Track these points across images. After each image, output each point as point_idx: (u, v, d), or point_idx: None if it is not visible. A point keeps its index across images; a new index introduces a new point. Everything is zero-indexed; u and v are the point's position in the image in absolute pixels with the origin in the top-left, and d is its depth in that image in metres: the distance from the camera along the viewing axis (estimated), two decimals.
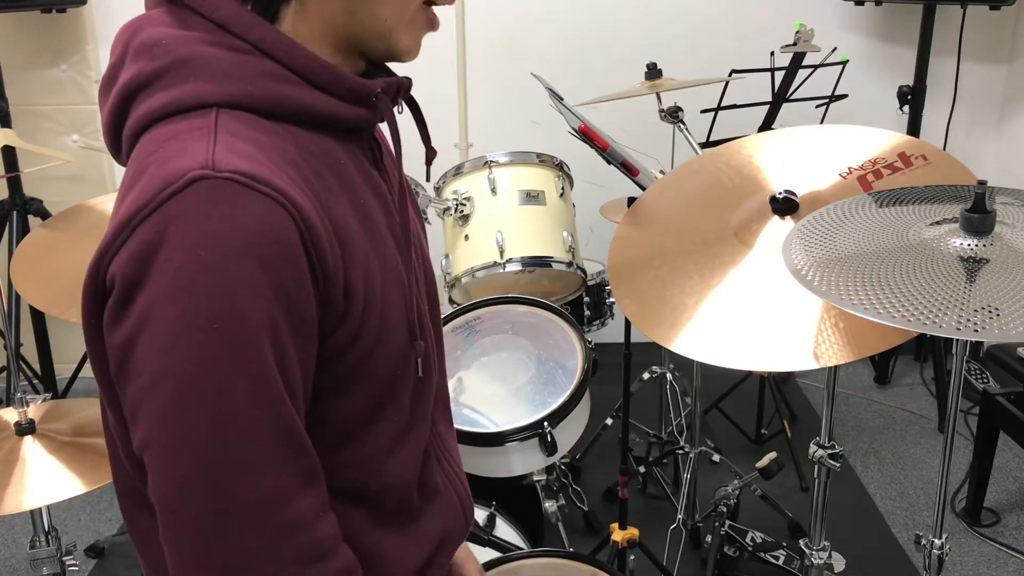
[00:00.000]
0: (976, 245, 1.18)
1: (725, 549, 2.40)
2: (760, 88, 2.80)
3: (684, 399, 2.96)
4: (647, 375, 2.92)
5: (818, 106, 2.81)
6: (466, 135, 3.52)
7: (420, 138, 1.01)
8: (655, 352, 2.78)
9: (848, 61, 2.78)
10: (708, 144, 2.62)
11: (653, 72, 2.59)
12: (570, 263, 2.36)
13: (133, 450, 0.80)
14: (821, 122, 2.95)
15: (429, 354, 0.98)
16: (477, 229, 2.37)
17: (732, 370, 2.60)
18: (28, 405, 1.81)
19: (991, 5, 3.08)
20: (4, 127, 2.96)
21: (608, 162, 1.90)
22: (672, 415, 2.99)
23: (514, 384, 2.00)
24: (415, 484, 1.00)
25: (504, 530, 2.00)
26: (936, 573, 1.51)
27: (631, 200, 1.74)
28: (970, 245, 1.18)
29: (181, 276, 0.74)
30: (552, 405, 1.91)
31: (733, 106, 2.72)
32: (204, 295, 0.74)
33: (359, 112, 0.89)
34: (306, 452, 0.82)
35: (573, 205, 2.51)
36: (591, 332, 2.55)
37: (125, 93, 0.83)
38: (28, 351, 3.39)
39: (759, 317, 1.39)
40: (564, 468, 2.67)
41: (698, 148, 2.36)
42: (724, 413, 3.15)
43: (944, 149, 3.34)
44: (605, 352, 2.29)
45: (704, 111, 2.71)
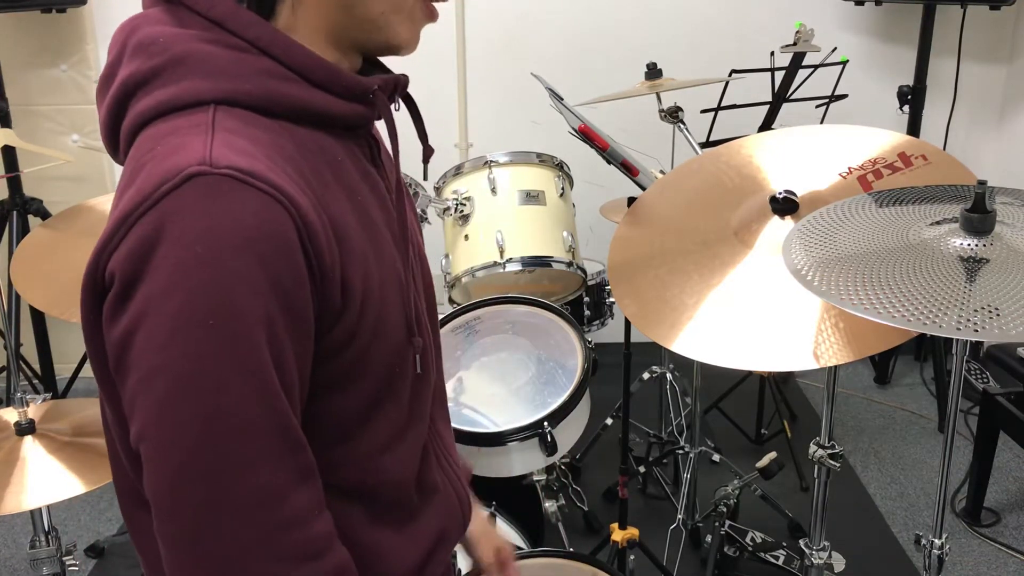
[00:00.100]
0: (976, 245, 1.18)
1: (725, 549, 2.40)
2: (760, 88, 2.80)
3: (684, 399, 2.96)
4: (647, 375, 2.92)
5: (818, 106, 2.81)
6: (466, 135, 3.52)
7: (417, 136, 1.01)
8: (655, 352, 2.77)
9: (848, 61, 2.78)
10: (708, 144, 2.62)
11: (653, 72, 2.59)
12: (570, 263, 2.36)
13: (130, 445, 0.80)
14: (821, 122, 2.95)
15: (427, 351, 0.98)
16: (477, 229, 2.37)
17: (732, 370, 2.61)
18: (28, 405, 1.81)
19: (991, 5, 3.08)
20: (4, 127, 2.96)
21: (608, 162, 1.90)
22: (672, 415, 2.99)
23: (514, 384, 2.00)
24: (413, 482, 1.00)
25: (504, 530, 1.99)
26: (936, 573, 1.51)
27: (631, 200, 1.74)
28: (970, 245, 1.18)
29: (178, 272, 0.74)
30: (552, 405, 1.91)
31: (733, 106, 2.72)
32: (201, 291, 0.74)
33: (356, 109, 0.89)
34: (302, 449, 0.82)
35: (573, 205, 2.51)
36: (591, 332, 2.55)
37: (123, 91, 0.83)
38: (28, 351, 3.40)
39: (759, 317, 1.39)
40: (564, 468, 2.67)
41: (698, 148, 2.36)
42: (724, 413, 3.15)
43: (944, 149, 3.34)
44: (605, 352, 2.29)
45: (704, 111, 2.71)
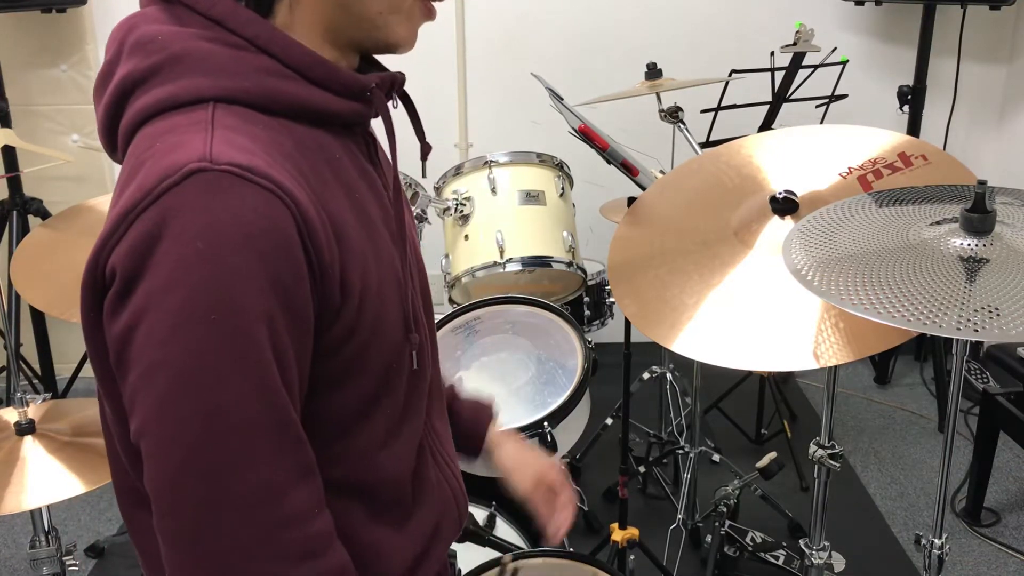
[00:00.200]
0: (976, 245, 1.17)
1: (725, 549, 2.40)
2: (760, 88, 2.80)
3: (684, 399, 2.96)
4: (647, 375, 2.92)
5: (818, 106, 2.81)
6: (466, 135, 3.52)
7: (415, 133, 1.01)
8: (655, 352, 2.77)
9: (848, 61, 2.78)
10: (708, 144, 2.62)
11: (653, 72, 2.59)
12: (570, 263, 2.36)
13: (130, 442, 0.80)
14: (821, 122, 2.95)
15: (423, 347, 0.98)
16: (477, 229, 2.37)
17: (732, 370, 2.61)
18: (28, 405, 1.81)
19: (991, 5, 3.07)
20: (4, 127, 2.96)
21: (608, 162, 1.90)
22: (672, 415, 2.99)
23: (514, 384, 2.00)
24: (409, 478, 1.00)
25: (504, 530, 1.99)
26: (936, 573, 1.51)
27: (631, 200, 1.74)
28: (970, 245, 1.18)
29: (180, 268, 0.74)
30: (552, 405, 1.91)
31: (733, 106, 2.72)
32: (202, 287, 0.74)
33: (354, 107, 0.89)
34: (301, 446, 0.82)
35: (573, 205, 2.51)
36: (591, 332, 2.55)
37: (121, 89, 0.84)
38: (28, 351, 3.39)
39: (759, 317, 1.39)
40: (564, 468, 2.67)
41: (698, 148, 2.36)
42: (724, 413, 3.15)
43: (944, 149, 3.33)
44: (605, 352, 2.29)
45: (704, 111, 2.71)
